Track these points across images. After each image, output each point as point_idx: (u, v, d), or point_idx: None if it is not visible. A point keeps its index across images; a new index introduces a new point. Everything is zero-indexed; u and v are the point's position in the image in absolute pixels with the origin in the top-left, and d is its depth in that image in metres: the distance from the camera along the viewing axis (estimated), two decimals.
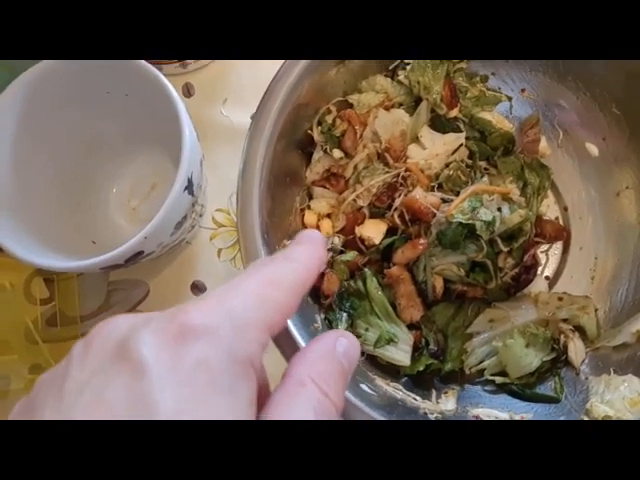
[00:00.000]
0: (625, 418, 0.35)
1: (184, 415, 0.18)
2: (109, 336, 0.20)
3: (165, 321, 0.20)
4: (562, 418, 0.37)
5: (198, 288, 0.51)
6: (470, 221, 0.41)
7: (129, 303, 0.51)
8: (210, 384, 0.19)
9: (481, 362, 0.43)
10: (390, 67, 0.46)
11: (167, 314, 0.20)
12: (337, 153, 0.45)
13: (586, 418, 0.37)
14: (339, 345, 0.23)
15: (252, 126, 0.40)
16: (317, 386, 0.22)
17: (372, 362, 0.42)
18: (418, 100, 0.46)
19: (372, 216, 0.45)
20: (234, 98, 0.55)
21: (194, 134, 0.40)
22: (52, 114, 0.44)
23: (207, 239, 0.52)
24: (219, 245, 0.52)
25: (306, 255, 0.24)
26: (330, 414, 0.21)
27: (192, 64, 0.55)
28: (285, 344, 0.37)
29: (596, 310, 0.44)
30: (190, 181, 0.39)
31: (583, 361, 0.43)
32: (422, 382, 0.42)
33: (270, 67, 0.41)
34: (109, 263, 0.37)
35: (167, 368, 0.18)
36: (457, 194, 0.43)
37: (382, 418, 0.35)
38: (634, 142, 0.45)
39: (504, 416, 0.39)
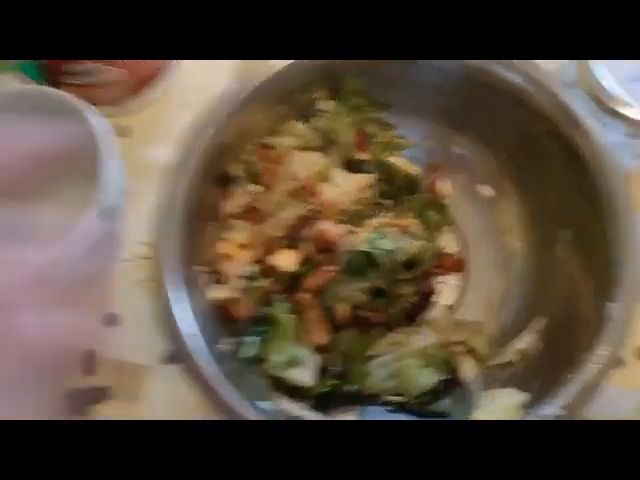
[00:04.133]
0: None
1: None
2: None
3: None
4: None
5: (111, 319, 0.52)
6: (372, 250, 0.45)
7: None
8: None
9: (381, 383, 0.46)
10: (307, 114, 0.52)
11: None
12: (255, 188, 0.49)
13: None
14: None
15: (173, 163, 0.44)
16: None
17: (278, 384, 0.45)
18: (332, 144, 0.51)
19: (287, 247, 0.49)
20: (167, 140, 0.58)
21: (117, 164, 0.43)
22: None
23: (124, 270, 0.54)
24: (137, 276, 0.53)
25: None
26: None
27: (127, 105, 0.58)
28: (188, 364, 0.40)
29: (488, 335, 0.49)
30: (107, 210, 0.42)
31: (474, 380, 0.47)
32: (325, 403, 0.45)
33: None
34: None
35: None
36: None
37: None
38: (519, 185, 0.52)
39: None
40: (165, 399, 0.50)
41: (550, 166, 0.48)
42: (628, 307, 0.41)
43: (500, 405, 0.41)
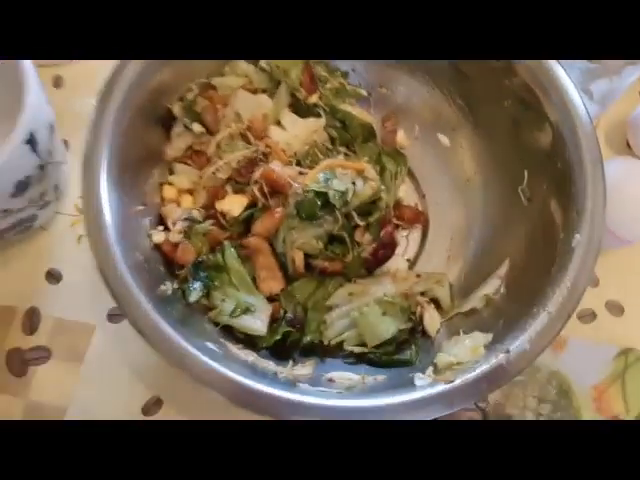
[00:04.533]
0: (465, 362, 0.36)
1: None
2: None
3: None
4: (411, 375, 0.37)
5: (53, 276, 0.48)
6: (323, 189, 0.42)
7: None
8: None
9: (340, 334, 0.43)
10: None
11: None
12: (197, 127, 0.45)
13: (432, 368, 0.38)
14: None
15: (98, 105, 0.40)
16: None
17: (228, 334, 0.41)
18: (279, 84, 0.48)
19: (234, 192, 0.45)
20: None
21: (41, 93, 0.39)
22: None
23: (67, 225, 0.50)
24: (80, 232, 0.49)
25: None
26: None
27: None
28: (131, 310, 0.36)
29: (451, 285, 0.46)
30: (33, 137, 0.38)
31: (438, 330, 0.44)
32: (281, 353, 0.41)
33: None
34: None
35: None
36: None
37: (225, 372, 0.34)
38: (478, 131, 0.50)
39: (357, 377, 0.39)
40: (110, 358, 0.46)
41: (509, 109, 0.46)
42: (589, 240, 0.39)
43: (463, 347, 0.39)
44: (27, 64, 0.38)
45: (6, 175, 0.37)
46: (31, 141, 0.37)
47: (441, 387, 0.34)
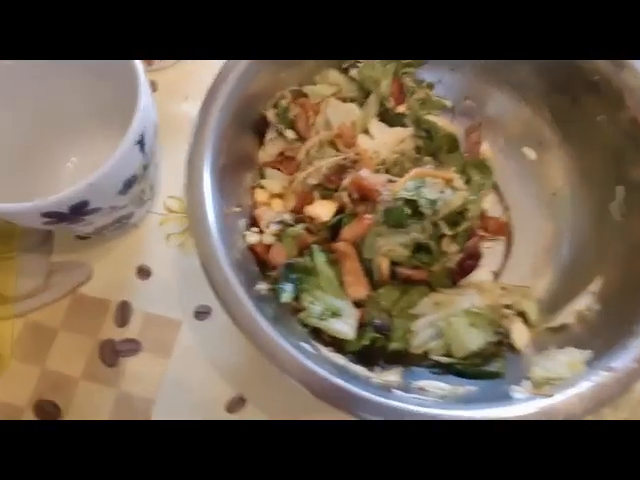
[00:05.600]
0: (563, 377, 0.35)
1: None
2: None
3: None
4: (504, 387, 0.37)
5: (144, 272, 0.50)
6: (414, 197, 0.43)
7: (69, 284, 0.49)
8: None
9: (427, 343, 0.43)
10: (344, 66, 0.49)
11: None
12: (290, 134, 0.46)
13: (527, 382, 0.37)
14: None
15: (201, 110, 0.42)
16: None
17: (317, 337, 0.42)
18: (368, 94, 0.49)
19: (322, 198, 0.46)
20: (195, 95, 0.56)
21: (150, 96, 0.41)
22: (19, 83, 0.45)
23: (157, 224, 0.52)
24: (169, 230, 0.51)
25: None
26: None
27: (156, 63, 0.57)
28: (233, 306, 0.37)
29: (536, 298, 0.45)
30: (142, 138, 0.39)
31: (527, 343, 0.43)
32: (366, 360, 0.42)
33: None
34: (52, 208, 0.37)
35: None
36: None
37: (323, 373, 0.34)
38: (566, 145, 0.49)
39: (449, 387, 0.39)
40: (195, 354, 0.47)
41: (598, 122, 0.45)
42: None
43: (558, 362, 0.38)
44: (140, 70, 0.40)
45: (118, 173, 0.39)
46: (140, 141, 0.39)
47: (541, 402, 0.34)
